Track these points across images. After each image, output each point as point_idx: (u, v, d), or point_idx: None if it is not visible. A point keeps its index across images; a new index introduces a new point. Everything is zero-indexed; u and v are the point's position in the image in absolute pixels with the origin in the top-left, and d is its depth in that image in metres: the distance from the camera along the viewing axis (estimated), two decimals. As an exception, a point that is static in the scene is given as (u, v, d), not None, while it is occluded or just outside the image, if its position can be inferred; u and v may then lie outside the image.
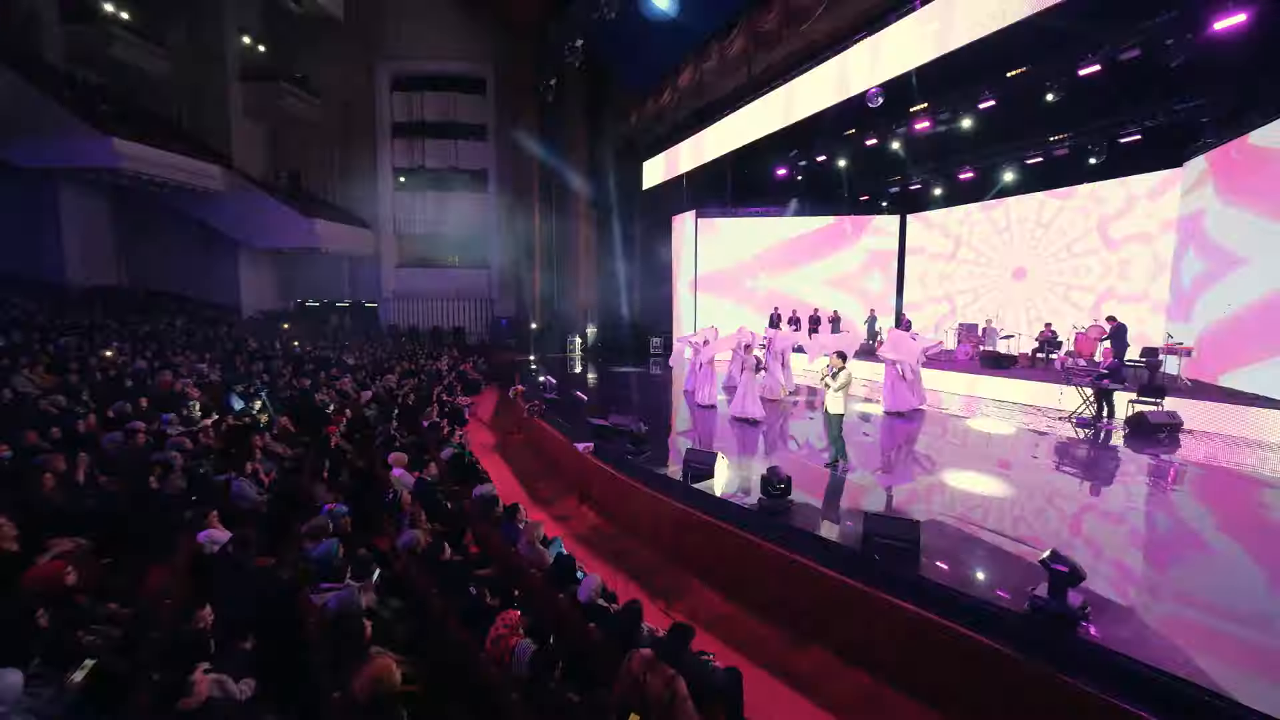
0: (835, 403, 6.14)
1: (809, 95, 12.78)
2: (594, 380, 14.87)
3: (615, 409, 9.82)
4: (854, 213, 18.45)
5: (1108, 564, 4.37)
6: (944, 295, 17.37)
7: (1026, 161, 13.36)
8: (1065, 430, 8.96)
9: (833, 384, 6.05)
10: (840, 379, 6.09)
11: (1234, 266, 9.89)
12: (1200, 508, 5.72)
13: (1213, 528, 5.24)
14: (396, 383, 12.70)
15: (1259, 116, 9.49)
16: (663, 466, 6.84)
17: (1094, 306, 13.46)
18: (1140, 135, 11.39)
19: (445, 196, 23.61)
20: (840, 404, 6.14)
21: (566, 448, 8.13)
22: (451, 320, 24.44)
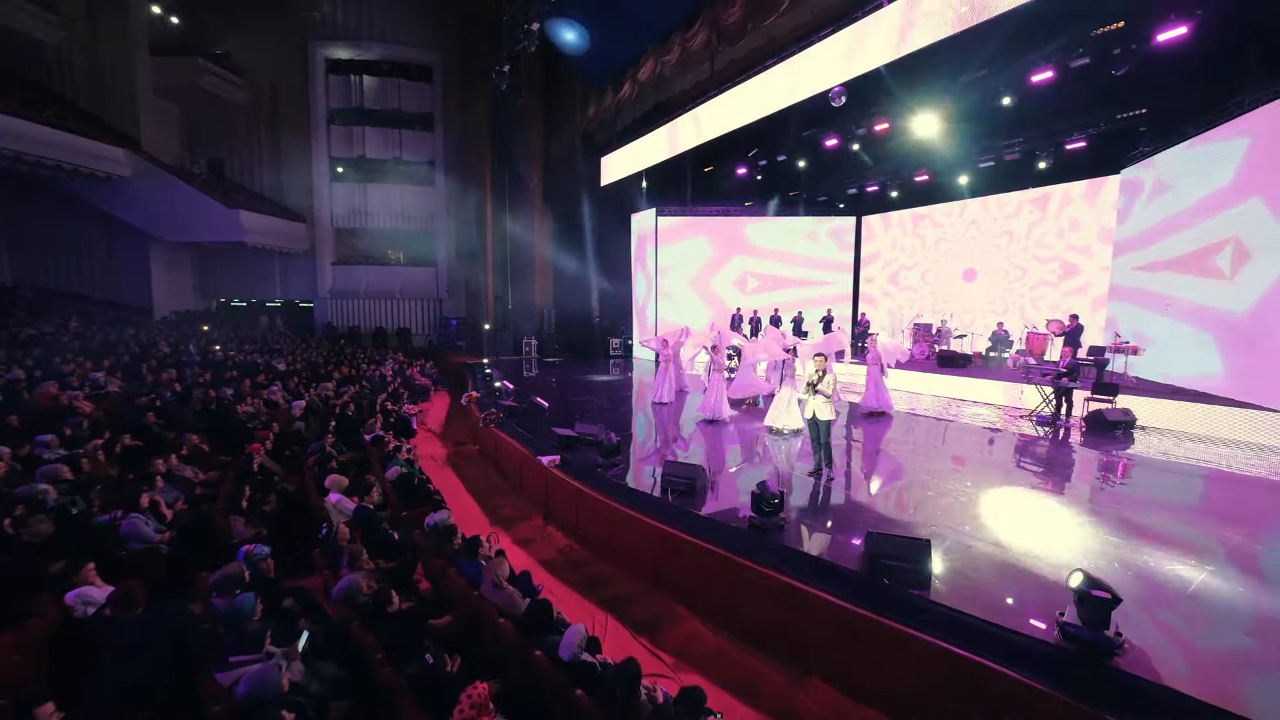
0: (824, 408, 5.82)
1: (771, 93, 12.60)
2: (554, 384, 14.14)
3: (580, 416, 9.21)
4: (811, 213, 18.56)
5: (1127, 578, 4.18)
6: (899, 296, 17.72)
7: (980, 165, 13.70)
8: (1028, 429, 9.07)
9: (824, 389, 5.73)
10: (826, 382, 5.77)
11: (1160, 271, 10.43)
12: (1201, 513, 5.69)
13: (1224, 534, 5.21)
14: (334, 390, 11.55)
15: (1192, 128, 9.99)
16: (638, 480, 6.31)
17: (1044, 307, 14.00)
18: (1085, 142, 11.83)
19: (388, 189, 22.15)
20: (829, 409, 5.82)
21: (528, 461, 7.45)
22: (396, 321, 22.98)
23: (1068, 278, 13.61)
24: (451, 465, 9.30)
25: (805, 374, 6.00)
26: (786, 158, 15.76)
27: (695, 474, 5.73)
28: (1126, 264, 11.85)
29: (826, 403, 5.81)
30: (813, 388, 5.81)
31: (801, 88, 11.93)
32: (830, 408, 5.82)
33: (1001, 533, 4.81)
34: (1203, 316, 9.55)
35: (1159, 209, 10.82)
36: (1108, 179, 12.40)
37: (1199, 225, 9.78)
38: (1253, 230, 8.62)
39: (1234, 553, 4.51)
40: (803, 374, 5.99)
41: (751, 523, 4.84)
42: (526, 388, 12.07)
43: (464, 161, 21.48)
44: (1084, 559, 4.26)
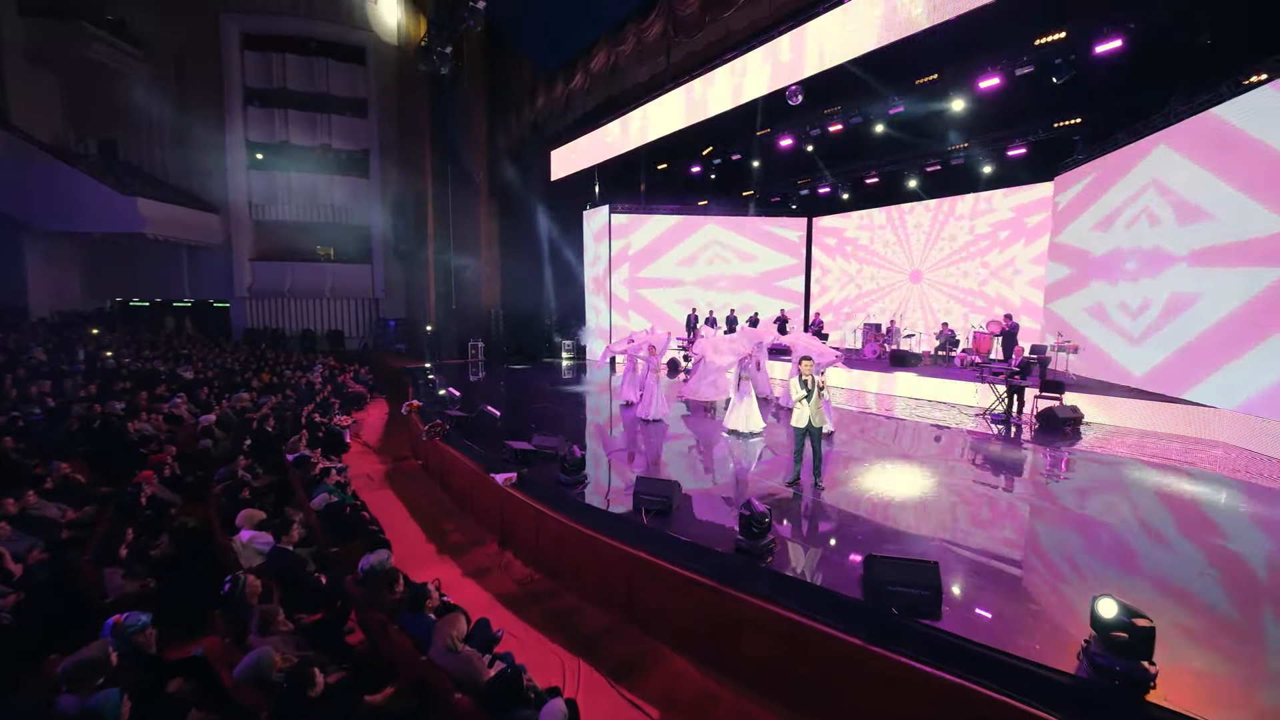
0: (819, 415, 5.49)
1: (728, 90, 12.34)
2: (505, 390, 13.27)
3: (536, 426, 8.51)
4: (765, 214, 18.58)
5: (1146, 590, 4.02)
6: (849, 296, 18.02)
7: (927, 169, 14.03)
8: (985, 427, 9.19)
9: (825, 392, 5.42)
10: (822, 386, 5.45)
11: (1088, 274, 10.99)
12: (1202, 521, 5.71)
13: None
14: (252, 402, 10.23)
15: (1125, 136, 10.51)
16: (606, 499, 5.73)
17: (985, 308, 14.54)
18: (1025, 149, 12.30)
19: (316, 179, 20.35)
20: (824, 417, 5.50)
21: (480, 479, 6.69)
22: (327, 323, 21.19)
23: (1006, 279, 14.18)
24: (391, 484, 8.35)
25: (794, 380, 5.58)
26: (742, 157, 15.60)
27: (670, 490, 5.22)
28: (1060, 268, 12.42)
29: (820, 410, 5.48)
30: (814, 393, 5.43)
31: (758, 85, 11.75)
32: (823, 414, 5.52)
33: (1002, 546, 4.61)
34: (1128, 317, 10.07)
35: (1089, 215, 11.38)
36: (1044, 184, 12.97)
37: (1125, 231, 10.31)
38: (1170, 236, 9.14)
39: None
40: (799, 380, 5.58)
41: (739, 546, 4.38)
42: (475, 395, 11.19)
43: (402, 151, 20.06)
44: (1094, 576, 4.09)
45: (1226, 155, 8.16)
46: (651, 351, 9.25)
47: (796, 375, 5.53)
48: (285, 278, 20.31)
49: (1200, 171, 8.64)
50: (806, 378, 5.47)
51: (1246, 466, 6.87)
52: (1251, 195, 7.75)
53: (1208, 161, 8.53)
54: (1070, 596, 3.90)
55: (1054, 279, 12.75)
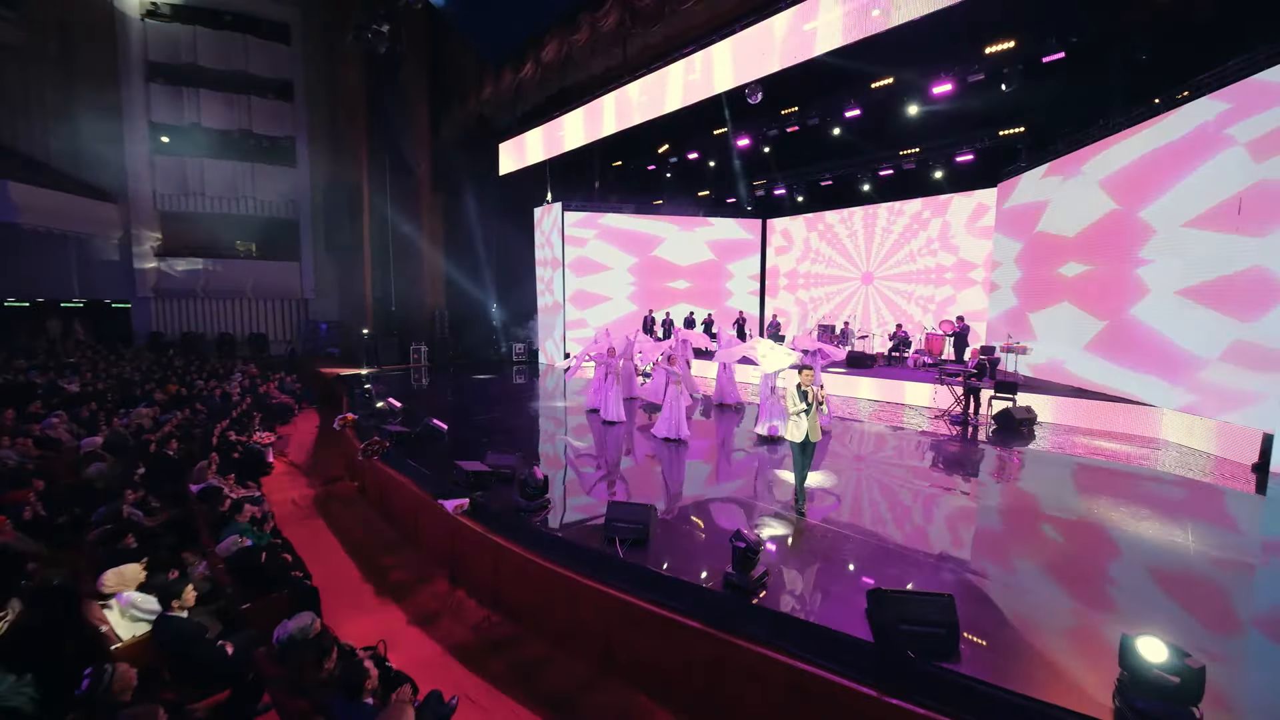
0: (816, 428, 5.12)
1: (686, 86, 12.00)
2: (452, 400, 12.31)
3: (489, 441, 7.77)
4: (720, 214, 18.42)
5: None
6: (805, 298, 18.14)
7: (880, 174, 14.23)
8: (948, 428, 9.25)
9: (824, 405, 5.03)
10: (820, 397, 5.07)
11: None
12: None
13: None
14: (153, 420, 8.87)
15: (1063, 145, 10.94)
16: (573, 527, 5.13)
17: (935, 310, 14.92)
18: (973, 155, 12.65)
19: (235, 167, 18.45)
20: (818, 428, 5.13)
21: (426, 506, 5.92)
22: (248, 325, 19.26)
23: (954, 282, 14.60)
24: (321, 511, 7.37)
25: (793, 389, 5.15)
26: (699, 156, 15.31)
27: (646, 516, 4.69)
28: (1003, 270, 12.86)
29: (816, 423, 5.12)
30: (814, 406, 5.00)
31: (716, 83, 11.48)
32: (819, 427, 5.16)
33: (1009, 566, 4.37)
34: (1074, 320, 10.48)
35: (1029, 221, 11.81)
36: (989, 190, 13.41)
37: (1065, 235, 10.73)
38: (1107, 245, 9.56)
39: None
40: (793, 389, 5.16)
41: (729, 581, 3.91)
42: (418, 405, 10.25)
43: (334, 139, 18.50)
44: (1108, 599, 3.89)
45: (1158, 167, 8.53)
46: (672, 362, 8.88)
47: (795, 386, 5.13)
48: (198, 276, 18.27)
49: (1134, 180, 9.02)
50: (806, 388, 5.06)
51: (1189, 463, 7.13)
52: (1181, 206, 8.13)
53: (1140, 173, 8.92)
54: (1089, 624, 3.67)
55: (998, 281, 13.19)
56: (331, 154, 18.40)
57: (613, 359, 9.17)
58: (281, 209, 19.13)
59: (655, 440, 7.93)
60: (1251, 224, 7.07)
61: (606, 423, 8.94)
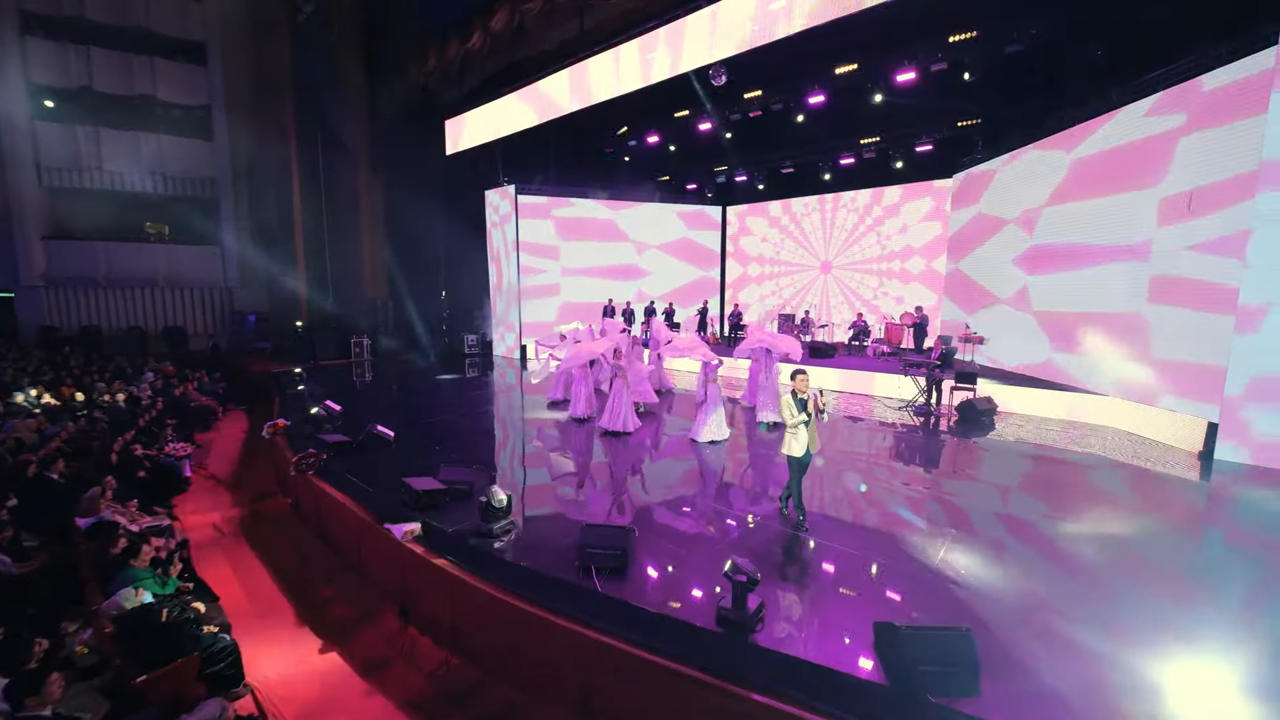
0: (815, 439, 4.74)
1: (647, 64, 11.42)
2: (399, 400, 11.36)
3: (442, 451, 7.09)
4: (680, 200, 17.97)
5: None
6: (767, 290, 18.03)
7: (841, 162, 14.12)
8: (912, 419, 9.26)
9: (825, 414, 4.60)
10: (824, 403, 4.64)
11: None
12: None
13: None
14: (39, 433, 7.61)
15: (1020, 139, 11.08)
16: (542, 554, 4.60)
17: (892, 300, 15.08)
18: (932, 146, 12.69)
19: (139, 138, 16.36)
20: (817, 440, 4.77)
21: (370, 531, 5.23)
22: (163, 318, 17.34)
23: (912, 271, 14.78)
24: (248, 535, 6.50)
25: (789, 398, 4.71)
26: (659, 140, 14.73)
27: (624, 540, 4.24)
28: (960, 260, 13.07)
29: (815, 434, 4.74)
30: (814, 414, 4.59)
31: (679, 62, 10.98)
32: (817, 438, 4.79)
33: (1024, 578, 4.16)
34: (1021, 309, 10.72)
35: (985, 211, 12.00)
36: (946, 180, 13.56)
37: (1018, 230, 10.93)
38: (1055, 234, 9.78)
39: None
40: (791, 398, 4.72)
41: (722, 616, 3.51)
42: (361, 407, 9.33)
43: (257, 110, 16.71)
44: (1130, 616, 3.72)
45: (1109, 163, 8.70)
46: (618, 355, 8.18)
47: (790, 394, 4.72)
48: (98, 262, 16.20)
49: (1086, 176, 9.18)
50: (804, 396, 4.64)
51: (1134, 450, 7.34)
52: (1127, 202, 8.31)
53: (1091, 167, 9.09)
54: (1110, 637, 3.50)
55: (953, 271, 13.41)
56: (254, 127, 16.61)
57: (619, 359, 8.10)
58: (198, 187, 17.19)
59: (645, 448, 7.46)
60: (1196, 217, 7.25)
61: (610, 433, 7.95)
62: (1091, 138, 9.20)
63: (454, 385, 12.62)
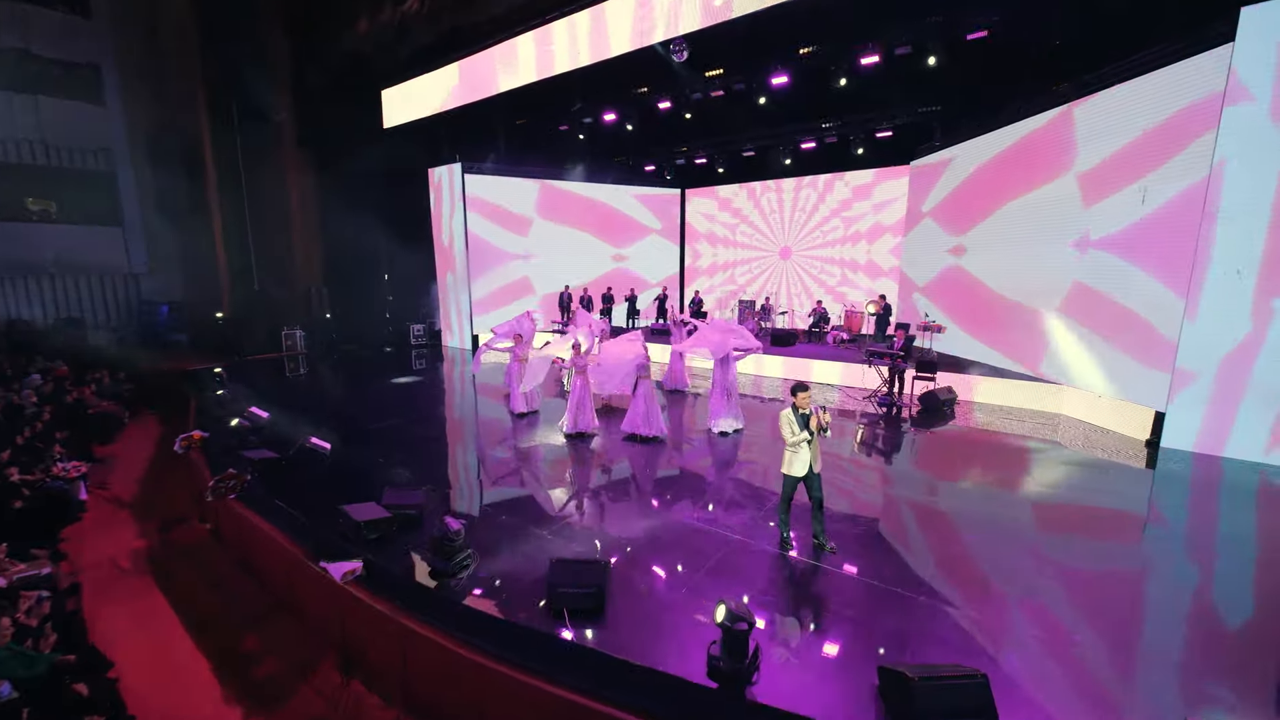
0: (817, 458, 4.37)
1: (603, 35, 10.70)
2: (336, 401, 10.37)
3: (388, 465, 6.39)
4: (637, 183, 17.34)
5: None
6: (724, 279, 17.76)
7: (801, 146, 13.87)
8: (874, 409, 9.24)
9: (826, 430, 4.23)
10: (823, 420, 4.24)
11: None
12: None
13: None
14: (-119, 456, 6.33)
15: (977, 127, 11.12)
16: (508, 588, 4.09)
17: (851, 287, 15.14)
18: (891, 132, 12.60)
19: (11, 100, 14.08)
20: (818, 457, 4.39)
21: (302, 569, 4.56)
22: (54, 308, 15.28)
23: (870, 257, 14.85)
24: (156, 572, 5.63)
25: (789, 414, 4.34)
26: (616, 118, 13.99)
27: (598, 576, 3.80)
28: (916, 247, 13.18)
29: (816, 451, 4.38)
30: (818, 430, 4.22)
31: (639, 35, 10.33)
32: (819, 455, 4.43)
33: (1049, 606, 3.99)
34: (976, 299, 10.91)
35: (940, 198, 12.08)
36: (904, 167, 13.57)
37: (972, 215, 11.04)
38: (1010, 223, 9.92)
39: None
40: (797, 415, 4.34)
41: (714, 666, 3.14)
42: (292, 412, 8.39)
43: (157, 72, 14.73)
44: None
45: (1060, 153, 8.79)
46: (577, 351, 7.64)
47: (791, 409, 4.33)
48: (-32, 243, 13.99)
49: (1040, 165, 9.28)
50: (805, 411, 4.27)
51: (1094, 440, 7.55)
52: (1079, 193, 8.44)
53: (1043, 157, 9.19)
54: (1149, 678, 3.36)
55: (910, 258, 13.52)
56: (154, 91, 14.63)
57: (578, 358, 7.55)
58: (89, 159, 15.06)
59: (616, 453, 7.00)
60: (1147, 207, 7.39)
61: (571, 435, 7.53)
62: (1045, 126, 9.28)
63: (399, 382, 11.69)
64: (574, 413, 7.56)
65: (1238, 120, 6.29)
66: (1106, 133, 8.07)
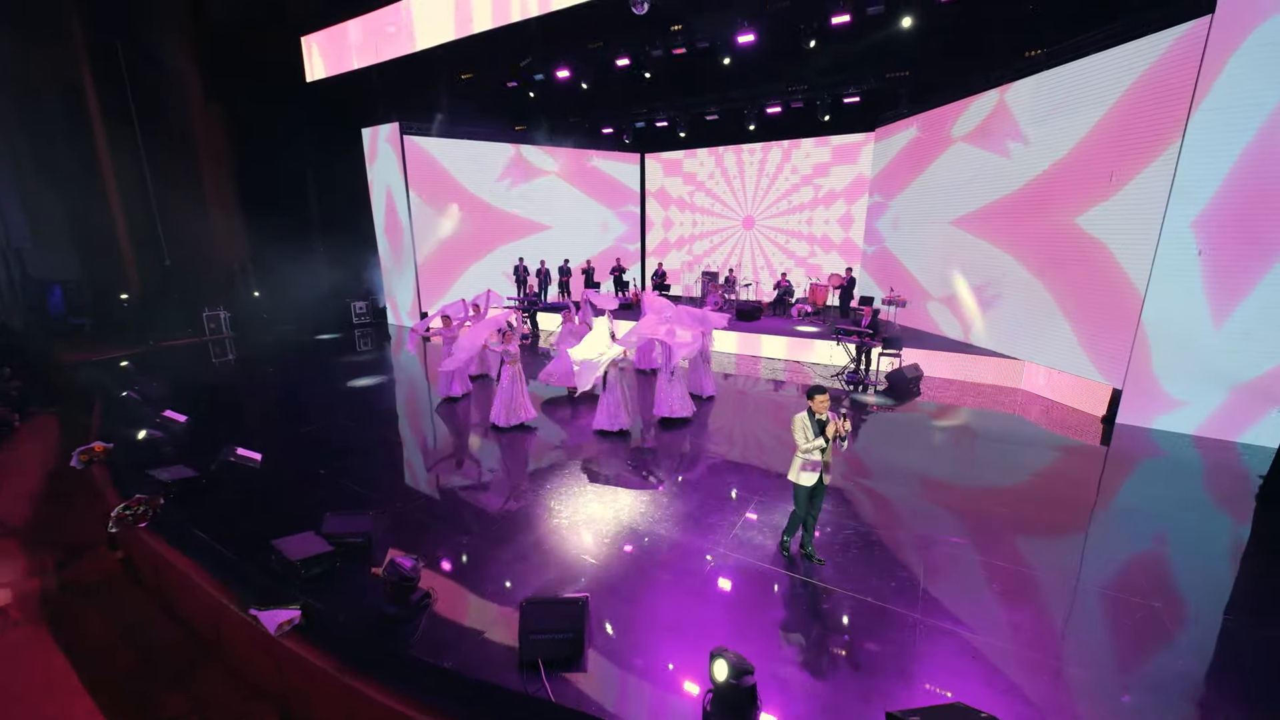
0: (829, 468, 4.05)
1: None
2: (268, 397, 9.34)
3: (330, 476, 5.72)
4: (594, 146, 16.36)
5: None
6: (685, 243, 17.22)
7: (767, 110, 13.27)
8: (846, 388, 9.16)
9: (844, 437, 3.86)
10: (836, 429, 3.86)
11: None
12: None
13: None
14: None
15: (942, 95, 10.85)
16: (469, 642, 3.64)
17: (814, 255, 14.95)
18: (860, 98, 12.18)
19: None
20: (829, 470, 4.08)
21: (230, 616, 3.95)
22: (-83, 290, 13.16)
23: (834, 227, 14.65)
24: (52, 619, 4.84)
25: (803, 419, 3.96)
26: (571, 75, 12.90)
27: (576, 619, 3.40)
28: (881, 220, 13.04)
29: (830, 460, 4.04)
30: (834, 440, 3.86)
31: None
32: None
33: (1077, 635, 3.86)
34: (933, 272, 10.91)
35: (903, 168, 11.88)
36: (870, 134, 13.25)
37: (932, 187, 10.91)
38: (971, 195, 9.85)
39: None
40: (811, 425, 3.96)
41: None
42: (214, 411, 7.44)
43: (17, 6, 12.41)
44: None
45: (1034, 124, 8.64)
46: (506, 337, 7.08)
47: (806, 412, 3.94)
48: None
49: (1008, 135, 9.13)
50: (822, 417, 3.88)
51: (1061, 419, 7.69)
52: (1041, 164, 8.36)
53: (1011, 125, 9.03)
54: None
55: (872, 229, 13.40)
56: (14, 29, 12.36)
57: (507, 343, 7.06)
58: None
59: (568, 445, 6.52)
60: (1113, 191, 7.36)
61: (497, 428, 7.13)
62: (1014, 95, 9.08)
63: (341, 367, 10.72)
64: (505, 404, 7.10)
65: (1214, 97, 6.19)
66: (1075, 106, 7.92)
